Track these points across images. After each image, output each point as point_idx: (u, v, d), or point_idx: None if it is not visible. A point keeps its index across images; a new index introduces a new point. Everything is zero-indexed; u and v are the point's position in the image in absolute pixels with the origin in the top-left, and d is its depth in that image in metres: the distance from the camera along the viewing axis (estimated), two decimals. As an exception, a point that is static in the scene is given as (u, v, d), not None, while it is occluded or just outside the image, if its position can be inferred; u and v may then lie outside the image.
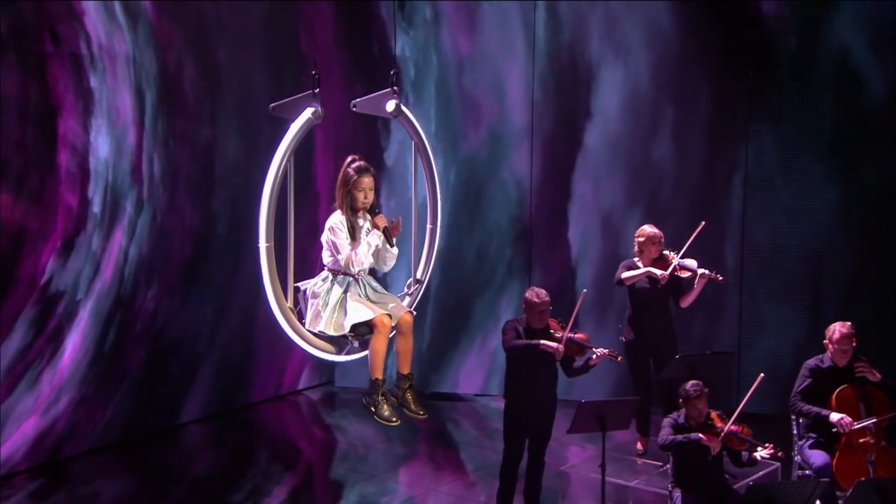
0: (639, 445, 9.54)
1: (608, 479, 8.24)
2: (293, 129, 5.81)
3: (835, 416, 7.94)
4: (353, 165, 6.06)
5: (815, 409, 8.07)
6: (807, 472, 8.17)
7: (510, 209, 11.84)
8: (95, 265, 9.92)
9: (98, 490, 9.43)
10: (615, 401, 8.35)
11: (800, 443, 8.33)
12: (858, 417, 7.97)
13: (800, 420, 8.32)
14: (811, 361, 8.29)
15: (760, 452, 7.65)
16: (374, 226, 6.09)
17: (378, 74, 11.75)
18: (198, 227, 10.79)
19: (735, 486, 8.05)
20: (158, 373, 10.66)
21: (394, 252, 6.17)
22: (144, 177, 10.23)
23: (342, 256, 6.02)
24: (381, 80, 11.52)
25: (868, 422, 7.93)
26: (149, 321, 10.47)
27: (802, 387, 8.23)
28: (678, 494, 7.79)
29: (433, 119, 11.84)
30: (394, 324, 6.08)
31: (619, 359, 8.34)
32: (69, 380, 9.79)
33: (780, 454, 7.75)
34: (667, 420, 7.91)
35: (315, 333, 6.08)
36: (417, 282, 6.58)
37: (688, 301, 9.41)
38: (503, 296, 11.77)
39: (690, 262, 9.23)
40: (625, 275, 9.34)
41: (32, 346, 9.47)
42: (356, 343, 6.13)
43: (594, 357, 8.19)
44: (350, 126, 11.79)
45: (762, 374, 7.77)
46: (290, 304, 6.00)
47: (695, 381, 7.81)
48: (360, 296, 6.10)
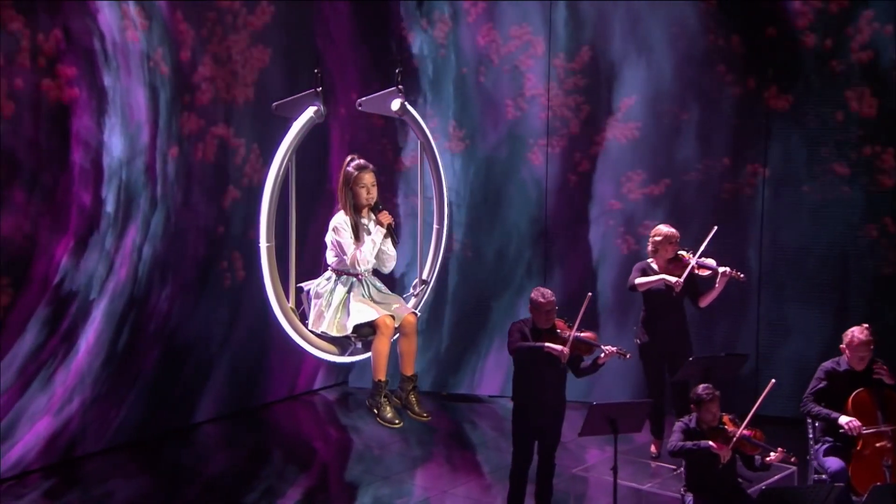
0: (653, 448, 9.47)
1: (622, 482, 8.19)
2: (294, 128, 5.82)
3: (844, 419, 7.86)
4: (354, 163, 6.07)
5: (825, 412, 8.00)
6: (822, 477, 8.08)
7: (529, 210, 11.79)
8: (109, 265, 9.95)
9: (112, 489, 9.45)
10: (627, 403, 8.30)
11: (815, 447, 8.24)
12: (875, 422, 7.88)
13: (815, 424, 8.24)
14: (827, 364, 8.21)
15: (771, 456, 7.59)
16: (379, 223, 6.09)
17: (406, 73, 11.78)
18: (212, 227, 10.79)
19: (750, 490, 7.98)
20: (172, 372, 10.68)
21: (392, 254, 6.16)
22: (158, 176, 10.26)
23: (347, 256, 6.01)
24: (406, 80, 11.71)
25: (877, 428, 7.84)
26: (162, 321, 10.49)
27: (815, 388, 8.15)
28: (690, 498, 7.73)
29: (451, 118, 11.82)
30: (397, 325, 6.04)
31: (628, 356, 8.25)
32: (83, 379, 9.82)
33: (793, 459, 7.68)
34: (678, 424, 7.84)
35: (318, 334, 6.07)
36: (423, 282, 6.55)
37: (707, 301, 9.33)
38: (522, 297, 11.55)
39: (709, 261, 9.16)
40: (638, 280, 9.26)
41: (45, 346, 9.50)
42: (359, 344, 6.11)
43: (602, 356, 8.13)
44: (366, 125, 11.81)
45: (773, 380, 7.73)
46: (292, 305, 5.98)
47: (706, 385, 7.75)
48: (364, 296, 6.09)
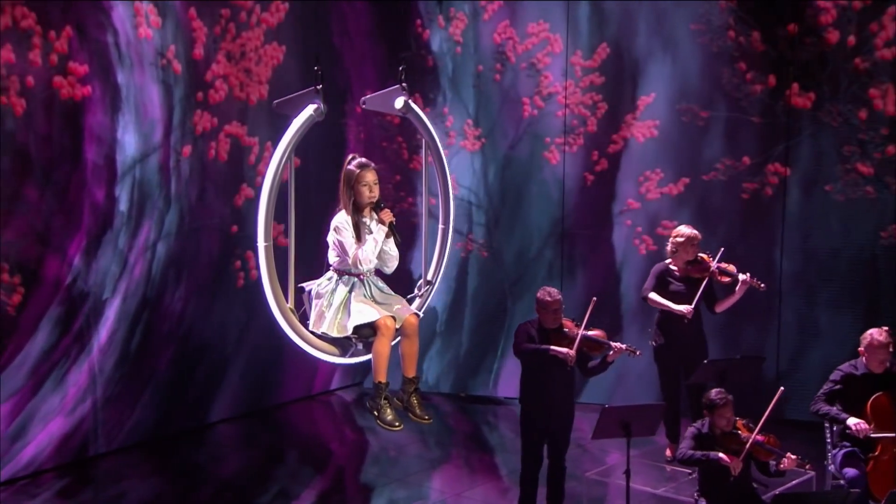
0: (668, 452, 9.38)
1: (636, 487, 8.12)
2: (294, 127, 5.80)
3: (851, 421, 7.76)
4: (355, 162, 6.04)
5: (834, 412, 7.90)
6: (840, 482, 7.97)
7: (551, 210, 11.71)
8: (122, 264, 9.95)
9: (125, 489, 9.45)
10: (640, 406, 8.19)
11: (833, 452, 8.14)
12: (894, 427, 7.77)
13: (833, 428, 8.13)
14: (845, 366, 8.09)
15: (784, 463, 7.48)
16: (381, 221, 6.04)
17: (415, 70, 11.74)
18: (225, 226, 10.78)
19: (767, 496, 7.87)
20: (186, 372, 10.69)
21: (394, 254, 6.11)
22: (172, 174, 10.26)
23: (349, 255, 5.97)
24: (418, 77, 11.74)
25: (885, 434, 7.72)
26: (176, 320, 10.50)
27: (829, 390, 8.05)
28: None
29: (472, 116, 11.77)
30: (398, 326, 5.99)
31: (638, 353, 8.16)
32: (96, 379, 9.83)
33: (807, 466, 7.58)
34: (690, 430, 7.76)
35: (318, 335, 6.02)
36: (428, 283, 6.50)
37: (724, 307, 9.27)
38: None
39: (730, 267, 9.06)
40: (651, 296, 9.22)
41: (58, 346, 9.51)
42: (360, 345, 6.06)
43: (611, 353, 8.04)
44: (382, 123, 11.78)
45: (782, 388, 7.62)
46: (292, 305, 5.95)
47: (719, 389, 7.67)
48: (366, 296, 6.04)
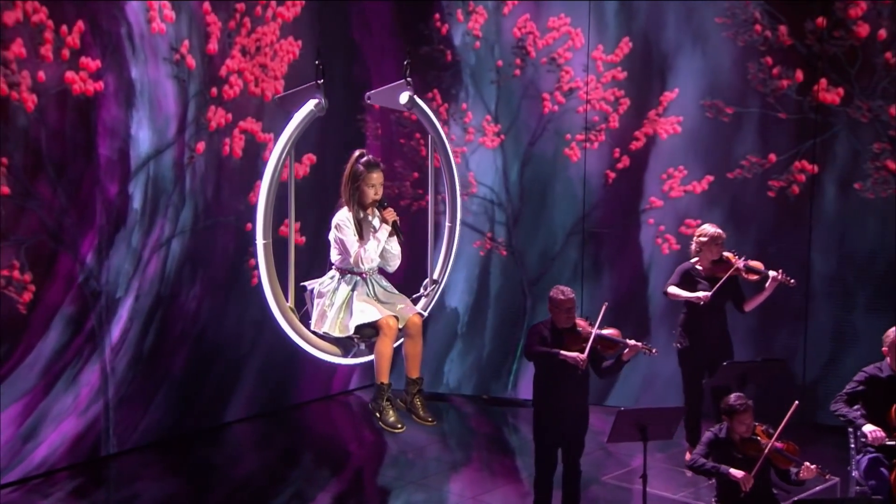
0: (688, 456, 9.22)
1: (654, 492, 8.02)
2: (294, 122, 5.72)
3: (868, 428, 7.62)
4: (363, 160, 5.96)
5: (852, 415, 7.76)
6: (864, 489, 7.81)
7: (576, 209, 11.57)
8: (136, 262, 9.93)
9: (138, 489, 9.44)
10: (657, 409, 8.07)
11: (857, 457, 7.98)
12: None
13: (857, 433, 7.97)
14: (870, 368, 7.95)
15: (803, 472, 7.33)
16: (384, 220, 5.96)
17: (437, 65, 11.66)
18: (241, 224, 10.73)
19: (787, 503, 7.73)
20: (201, 372, 10.66)
21: (397, 252, 6.02)
22: (186, 171, 10.22)
23: (351, 254, 5.89)
24: (441, 73, 11.66)
25: None
26: (191, 319, 10.47)
27: (851, 390, 7.91)
28: (721, 510, 7.53)
29: (491, 113, 11.68)
30: (401, 326, 5.90)
31: (654, 352, 8.01)
32: (109, 379, 9.81)
33: (827, 475, 7.43)
34: (706, 434, 7.65)
35: (319, 335, 5.95)
36: (434, 282, 6.41)
37: (752, 305, 9.15)
38: (581, 304, 11.29)
39: (757, 264, 8.92)
40: (670, 290, 9.10)
41: (70, 345, 9.49)
42: (362, 345, 5.98)
43: (626, 351, 7.91)
44: (399, 119, 11.70)
45: (797, 402, 7.50)
46: (292, 304, 5.88)
47: (738, 394, 7.54)
48: (368, 295, 5.96)
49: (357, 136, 11.88)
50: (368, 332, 5.91)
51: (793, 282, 8.89)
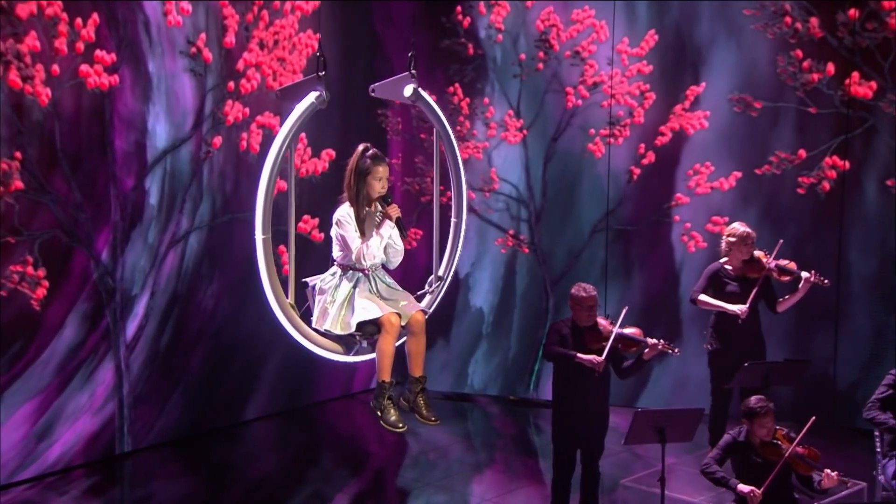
0: (708, 459, 9.13)
1: (674, 495, 7.93)
2: (294, 114, 5.68)
3: None
4: (369, 153, 5.91)
5: (882, 419, 7.61)
6: (890, 493, 7.67)
7: (601, 206, 11.49)
8: (152, 259, 9.93)
9: (155, 488, 9.43)
10: (675, 410, 7.96)
11: (883, 461, 7.84)
12: None
13: (883, 437, 7.82)
14: None
15: (825, 480, 7.20)
16: (387, 216, 5.89)
17: (458, 59, 11.59)
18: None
19: (813, 507, 7.63)
20: (219, 370, 10.66)
21: (399, 248, 5.95)
22: (204, 166, 10.20)
23: (353, 250, 5.83)
24: (463, 67, 11.60)
25: None
26: (208, 317, 10.47)
27: (881, 395, 7.77)
28: (740, 515, 7.41)
29: (513, 107, 11.60)
30: (404, 323, 5.83)
31: (676, 352, 7.90)
32: (125, 377, 9.81)
33: (849, 484, 7.29)
34: (725, 438, 7.55)
35: (321, 332, 5.89)
36: (439, 279, 6.32)
37: (785, 306, 8.99)
38: (605, 304, 11.16)
39: (789, 264, 8.76)
40: (701, 297, 8.96)
41: (85, 343, 9.51)
42: (364, 343, 5.92)
43: (647, 350, 7.81)
44: (420, 114, 11.61)
45: (814, 418, 7.32)
46: (292, 300, 5.83)
47: (759, 396, 7.41)
48: (371, 292, 5.90)
49: (378, 132, 11.84)
50: (370, 330, 5.85)
51: (826, 282, 8.72)
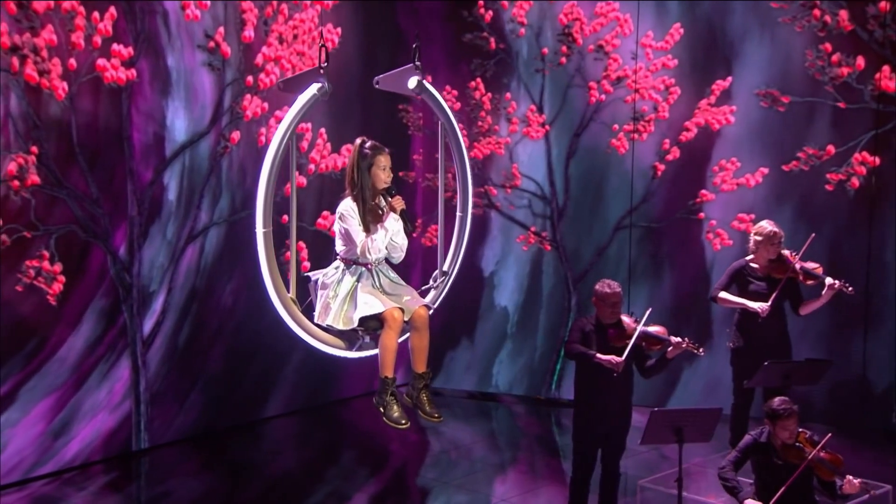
0: (730, 462, 9.02)
1: (693, 497, 7.84)
2: (296, 106, 5.67)
3: None
4: (368, 144, 5.87)
5: None
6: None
7: (624, 202, 11.42)
8: (170, 254, 9.96)
9: (173, 485, 9.46)
10: (693, 410, 7.87)
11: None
12: None
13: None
14: None
15: (846, 486, 7.09)
16: (392, 208, 5.85)
17: (480, 53, 11.55)
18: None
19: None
20: (238, 367, 10.69)
21: (400, 243, 5.89)
22: (223, 162, 10.22)
23: (357, 244, 5.79)
24: (485, 61, 11.55)
25: None
26: (227, 314, 10.49)
27: None
28: (759, 518, 7.32)
29: (536, 102, 11.54)
30: (407, 318, 5.78)
31: (701, 351, 7.83)
32: (143, 374, 9.85)
33: (872, 492, 7.18)
34: (745, 439, 7.47)
35: (323, 327, 5.86)
36: (444, 274, 6.28)
37: (808, 310, 8.85)
38: (628, 303, 11.03)
39: (815, 268, 8.64)
40: (721, 295, 8.85)
41: (103, 339, 9.56)
42: (367, 338, 5.88)
43: (670, 349, 7.73)
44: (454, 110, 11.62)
45: (830, 434, 7.24)
46: (293, 295, 5.80)
47: (783, 398, 7.31)
48: (374, 287, 5.85)
49: (399, 127, 11.82)
50: (373, 325, 5.80)
51: (851, 290, 8.58)
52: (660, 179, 11.25)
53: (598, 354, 7.67)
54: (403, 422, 5.87)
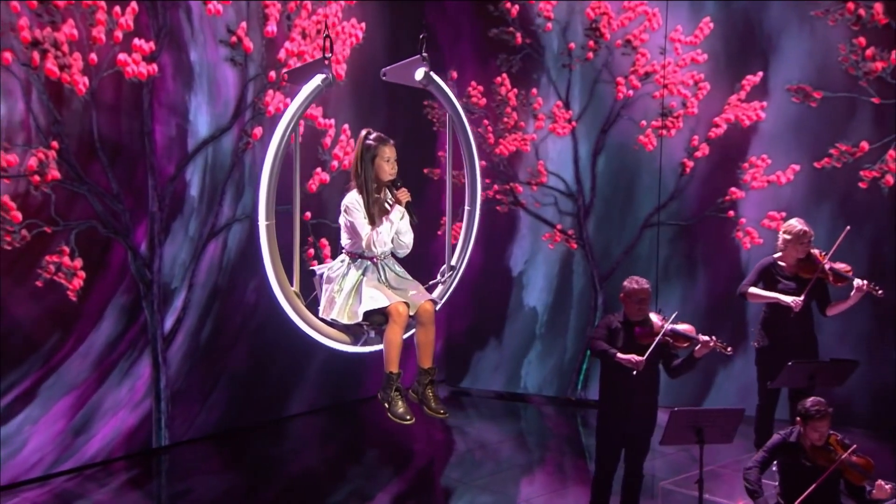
0: (754, 464, 8.89)
1: (715, 499, 7.81)
2: (300, 97, 5.61)
3: None
4: (373, 136, 5.82)
5: None
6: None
7: (652, 200, 11.34)
8: (192, 251, 9.97)
9: (194, 482, 9.50)
10: (714, 410, 7.79)
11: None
12: None
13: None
14: None
15: (876, 491, 6.96)
16: (397, 200, 5.79)
17: (506, 49, 11.48)
18: (300, 213, 10.65)
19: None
20: (261, 365, 10.69)
21: (406, 241, 5.84)
22: (245, 157, 10.22)
23: (362, 237, 5.74)
24: (510, 56, 11.48)
25: None
26: (250, 311, 10.48)
27: None
28: (783, 520, 7.23)
29: (562, 98, 11.45)
30: (412, 313, 5.72)
31: (730, 350, 7.71)
32: (165, 371, 9.87)
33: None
34: (774, 438, 7.39)
35: (328, 322, 5.81)
36: (451, 268, 6.21)
37: (836, 311, 8.74)
38: (657, 301, 10.80)
39: (844, 269, 8.51)
40: (751, 290, 8.72)
41: (124, 336, 9.59)
42: (372, 333, 5.83)
43: (698, 348, 7.63)
44: (468, 107, 11.57)
45: (855, 446, 7.11)
46: (296, 289, 5.76)
47: (817, 399, 7.21)
48: (379, 281, 5.80)
49: (425, 123, 11.78)
50: (378, 320, 5.75)
51: (880, 292, 8.44)
52: (688, 176, 11.14)
53: (619, 354, 7.60)
54: (408, 417, 5.81)
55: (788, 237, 8.65)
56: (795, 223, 8.70)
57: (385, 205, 5.84)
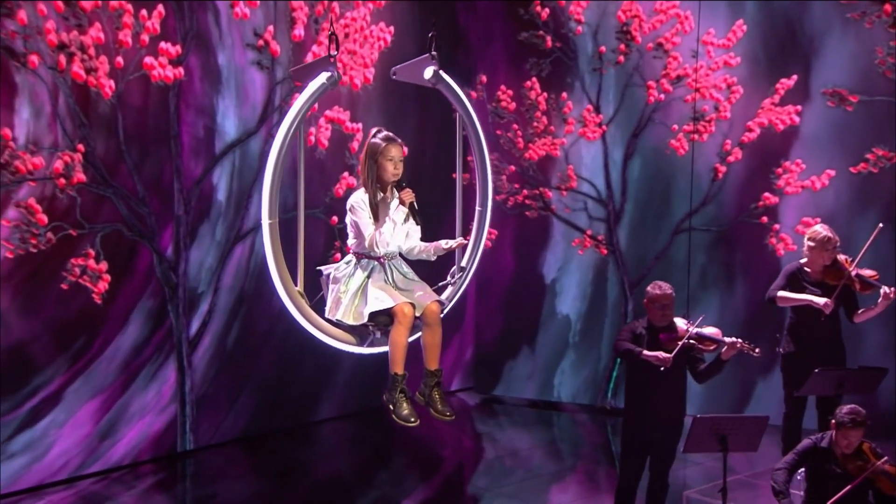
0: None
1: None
2: (304, 95, 5.60)
3: None
4: (381, 135, 5.78)
5: None
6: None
7: (683, 205, 11.22)
8: (219, 256, 9.99)
9: (219, 487, 9.48)
10: (738, 417, 7.68)
11: None
12: None
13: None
14: None
15: None
16: (401, 201, 5.74)
17: (536, 52, 11.41)
18: (327, 217, 10.72)
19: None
20: (289, 370, 10.67)
21: (415, 245, 5.79)
22: (272, 162, 10.21)
23: (366, 237, 5.70)
24: (540, 60, 11.41)
25: None
26: (276, 316, 10.43)
27: None
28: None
29: (592, 102, 11.37)
30: (418, 314, 5.67)
31: (757, 352, 7.56)
32: (191, 376, 9.88)
33: None
34: (804, 442, 7.28)
35: (334, 322, 5.78)
36: (461, 270, 6.16)
37: (863, 318, 8.57)
38: (693, 310, 10.78)
39: (871, 275, 8.35)
40: (780, 294, 8.57)
41: (150, 341, 9.60)
42: (378, 334, 5.78)
43: (724, 349, 7.51)
44: (497, 111, 11.49)
45: (886, 458, 6.98)
46: (301, 289, 5.73)
47: (854, 407, 7.06)
48: (385, 282, 5.75)
49: (453, 127, 11.69)
50: (383, 320, 5.71)
51: None
52: (721, 181, 10.99)
53: (646, 351, 7.51)
54: (413, 419, 5.79)
55: (813, 244, 8.51)
56: (820, 229, 8.55)
57: (390, 205, 5.80)
